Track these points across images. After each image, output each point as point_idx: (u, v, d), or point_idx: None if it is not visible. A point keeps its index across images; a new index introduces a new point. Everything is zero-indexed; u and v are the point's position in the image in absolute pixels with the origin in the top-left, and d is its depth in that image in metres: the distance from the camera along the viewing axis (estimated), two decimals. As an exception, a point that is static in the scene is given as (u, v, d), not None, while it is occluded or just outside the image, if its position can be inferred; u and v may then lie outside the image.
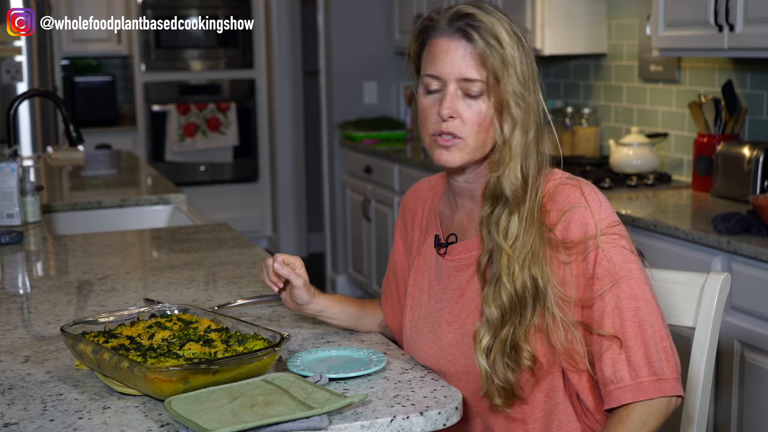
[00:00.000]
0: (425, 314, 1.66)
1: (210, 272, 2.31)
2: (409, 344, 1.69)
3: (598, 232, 1.50)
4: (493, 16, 1.51)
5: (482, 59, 1.50)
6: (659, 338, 1.51)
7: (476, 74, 1.51)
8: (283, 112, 6.66)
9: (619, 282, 1.50)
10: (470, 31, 1.50)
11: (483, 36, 1.49)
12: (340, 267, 5.73)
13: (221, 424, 1.27)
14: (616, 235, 1.51)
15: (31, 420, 1.36)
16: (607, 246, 1.50)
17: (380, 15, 5.61)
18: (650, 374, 1.48)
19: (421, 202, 1.77)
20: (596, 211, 1.52)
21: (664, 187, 3.52)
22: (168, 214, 3.41)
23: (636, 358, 1.49)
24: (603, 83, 4.12)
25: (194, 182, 6.90)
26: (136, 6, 6.76)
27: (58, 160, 4.30)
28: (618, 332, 1.49)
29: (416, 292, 1.70)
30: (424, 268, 1.70)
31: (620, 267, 1.50)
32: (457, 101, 1.52)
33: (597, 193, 1.55)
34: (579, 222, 1.51)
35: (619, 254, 1.51)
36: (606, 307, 1.50)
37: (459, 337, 1.59)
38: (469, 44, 1.51)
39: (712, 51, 3.07)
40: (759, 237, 2.62)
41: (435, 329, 1.63)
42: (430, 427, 1.37)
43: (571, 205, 1.52)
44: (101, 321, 1.63)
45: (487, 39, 1.49)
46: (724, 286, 1.74)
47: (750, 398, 2.61)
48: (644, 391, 1.48)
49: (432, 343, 1.63)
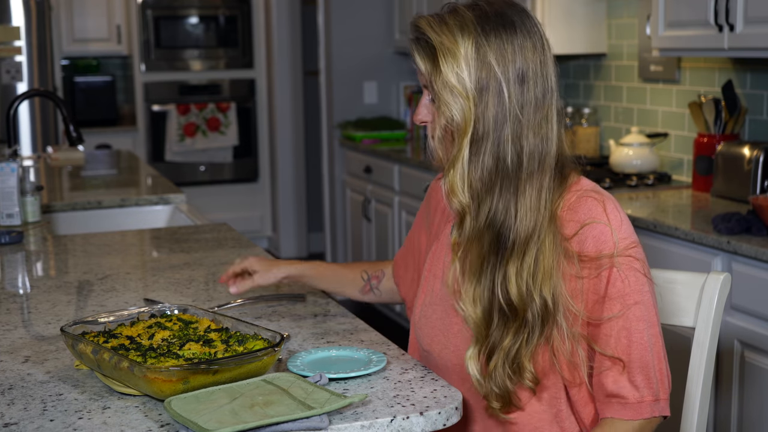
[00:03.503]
0: (437, 300, 1.67)
1: (210, 272, 2.31)
2: (416, 328, 1.70)
3: (616, 251, 1.49)
4: (443, 25, 1.50)
5: (422, 67, 1.52)
6: (658, 360, 1.52)
7: (424, 80, 1.53)
8: (283, 112, 6.66)
9: (631, 306, 1.50)
10: (413, 43, 1.52)
11: (422, 46, 1.51)
12: (340, 267, 5.72)
13: (221, 424, 1.27)
14: (632, 258, 1.50)
15: (31, 420, 1.36)
16: (623, 267, 1.49)
17: (380, 15, 5.61)
18: (650, 395, 1.51)
19: None
20: (617, 230, 1.50)
21: (664, 187, 3.52)
22: (168, 214, 3.41)
23: (638, 379, 1.50)
24: (603, 83, 4.12)
25: (194, 182, 6.90)
26: (136, 6, 6.76)
27: (58, 160, 4.29)
28: (623, 354, 1.50)
29: (430, 277, 1.70)
30: (439, 255, 1.70)
31: (634, 290, 1.50)
32: (422, 108, 1.56)
33: (619, 212, 1.53)
34: (597, 238, 1.50)
35: (633, 277, 1.50)
36: (614, 329, 1.50)
37: (466, 328, 1.60)
38: (416, 54, 1.52)
39: (712, 51, 3.07)
40: (759, 237, 2.62)
41: (443, 317, 1.64)
42: (430, 427, 1.37)
43: (591, 219, 1.51)
44: (101, 321, 1.63)
45: (424, 49, 1.51)
46: (724, 286, 1.74)
47: (750, 398, 2.61)
48: (644, 410, 1.50)
49: (439, 330, 1.64)
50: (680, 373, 1.80)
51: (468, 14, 1.49)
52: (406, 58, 5.62)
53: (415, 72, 1.58)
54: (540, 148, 1.49)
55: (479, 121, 1.47)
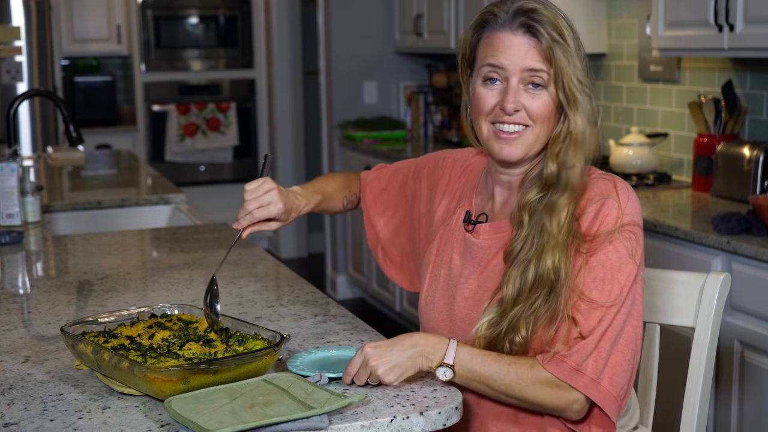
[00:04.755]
0: (443, 286, 1.68)
1: (210, 272, 2.31)
2: (422, 312, 1.72)
3: (618, 227, 1.51)
4: (552, 11, 1.54)
5: (546, 53, 1.52)
6: (621, 354, 1.49)
7: (542, 65, 1.53)
8: (283, 112, 6.66)
9: (615, 288, 1.50)
10: (535, 25, 1.52)
11: (547, 30, 1.52)
12: (340, 267, 5.73)
13: (221, 424, 1.27)
14: (630, 233, 1.51)
15: (31, 420, 1.36)
16: (615, 241, 1.50)
17: (380, 15, 5.60)
18: (593, 373, 1.47)
19: (467, 172, 1.78)
20: (623, 205, 1.53)
21: (664, 187, 3.52)
22: (168, 214, 3.41)
23: (590, 358, 1.48)
24: (603, 83, 4.12)
25: (194, 182, 6.90)
26: (136, 6, 6.76)
27: (58, 160, 4.29)
28: (587, 332, 1.49)
29: (438, 262, 1.71)
30: (449, 240, 1.70)
31: (621, 270, 1.50)
32: (520, 94, 1.55)
33: (629, 190, 1.55)
34: (605, 214, 1.52)
35: (624, 251, 1.50)
36: (593, 311, 1.50)
37: (472, 313, 1.60)
38: (534, 38, 1.53)
39: (712, 51, 3.07)
40: (759, 237, 2.62)
41: (450, 302, 1.65)
42: (430, 427, 1.37)
43: (600, 195, 1.53)
44: (101, 321, 1.63)
45: (550, 33, 1.52)
46: (724, 286, 1.74)
47: (750, 398, 2.61)
48: (599, 394, 1.47)
49: (445, 315, 1.65)
50: (680, 373, 1.80)
51: (556, 10, 1.55)
52: (406, 58, 5.62)
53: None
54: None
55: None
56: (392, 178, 1.92)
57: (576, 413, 1.50)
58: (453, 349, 1.48)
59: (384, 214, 1.91)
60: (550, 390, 1.48)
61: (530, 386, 1.48)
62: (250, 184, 1.70)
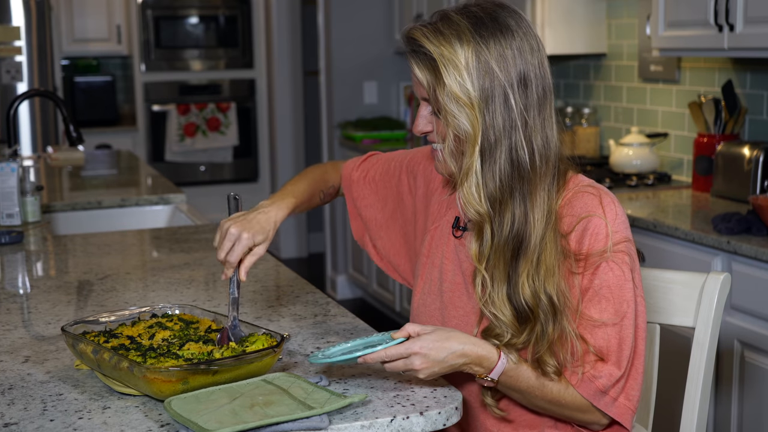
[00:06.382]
0: (436, 291, 1.67)
1: (210, 272, 2.31)
2: (415, 315, 1.71)
3: (609, 246, 1.50)
4: (439, 35, 1.48)
5: (422, 80, 1.50)
6: (634, 368, 1.52)
7: (425, 93, 1.52)
8: (283, 112, 6.66)
9: (619, 309, 1.50)
10: (411, 56, 1.51)
11: (420, 59, 1.49)
12: (340, 267, 5.73)
13: (221, 424, 1.27)
14: (623, 253, 1.51)
15: (31, 420, 1.36)
16: (610, 262, 1.50)
17: (380, 15, 5.60)
18: (615, 392, 1.50)
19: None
20: (611, 223, 1.51)
21: (664, 187, 3.52)
22: (168, 214, 3.41)
23: (612, 375, 1.50)
24: (603, 83, 4.12)
25: (194, 182, 6.90)
26: (136, 6, 6.76)
27: (58, 160, 4.29)
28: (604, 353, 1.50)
29: (429, 264, 1.70)
30: (439, 241, 1.69)
31: (622, 288, 1.50)
32: (422, 119, 1.55)
33: (615, 204, 1.53)
34: (593, 234, 1.50)
35: (620, 272, 1.50)
36: (607, 330, 1.50)
37: (462, 324, 1.60)
38: (415, 67, 1.51)
39: (712, 51, 3.07)
40: (759, 237, 2.62)
41: (442, 309, 1.65)
42: (430, 427, 1.37)
43: (587, 213, 1.51)
44: (102, 321, 1.63)
45: (423, 61, 1.49)
46: (724, 286, 1.74)
47: (750, 398, 2.61)
48: (617, 410, 1.50)
49: (437, 321, 1.65)
50: (680, 374, 1.80)
51: (462, 21, 1.48)
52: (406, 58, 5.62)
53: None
54: (545, 148, 1.50)
55: (489, 129, 1.47)
56: (384, 170, 1.88)
57: (601, 427, 1.55)
58: (500, 369, 1.49)
59: (373, 206, 1.88)
60: (583, 411, 1.52)
61: (565, 408, 1.51)
62: (215, 239, 1.65)
